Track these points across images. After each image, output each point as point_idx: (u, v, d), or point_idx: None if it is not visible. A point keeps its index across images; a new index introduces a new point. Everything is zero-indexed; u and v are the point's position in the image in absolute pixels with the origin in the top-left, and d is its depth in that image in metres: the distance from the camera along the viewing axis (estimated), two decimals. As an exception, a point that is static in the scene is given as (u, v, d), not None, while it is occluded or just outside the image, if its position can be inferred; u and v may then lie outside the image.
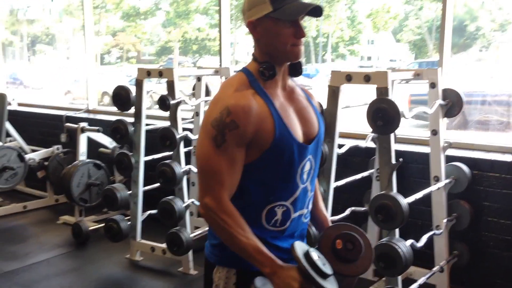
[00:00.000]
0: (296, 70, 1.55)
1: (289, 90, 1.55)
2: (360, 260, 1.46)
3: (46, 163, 5.04)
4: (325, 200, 2.88)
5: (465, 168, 3.18)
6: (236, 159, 1.42)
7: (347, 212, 3.14)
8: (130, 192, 3.78)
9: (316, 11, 1.45)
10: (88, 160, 4.52)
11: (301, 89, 1.61)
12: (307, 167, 1.52)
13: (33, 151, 5.25)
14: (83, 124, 4.66)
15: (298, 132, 1.50)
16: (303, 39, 1.48)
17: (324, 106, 2.88)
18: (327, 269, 1.36)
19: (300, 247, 1.38)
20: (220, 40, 4.57)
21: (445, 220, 3.11)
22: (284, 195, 1.49)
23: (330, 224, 1.68)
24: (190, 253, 3.56)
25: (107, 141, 4.71)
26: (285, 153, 1.45)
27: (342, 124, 2.96)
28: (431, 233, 3.00)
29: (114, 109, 3.89)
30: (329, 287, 1.35)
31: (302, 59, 1.55)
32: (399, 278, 2.69)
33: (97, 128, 4.62)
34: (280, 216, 1.50)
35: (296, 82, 1.62)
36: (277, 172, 1.46)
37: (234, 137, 1.40)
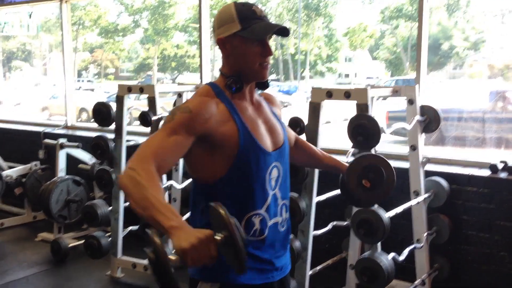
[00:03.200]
0: (262, 84, 1.60)
1: (256, 104, 1.59)
2: (382, 187, 1.51)
3: (23, 179, 4.96)
4: (307, 215, 2.90)
5: (443, 182, 3.25)
6: (178, 141, 1.41)
7: (329, 226, 3.17)
8: (110, 208, 3.74)
9: (283, 31, 1.51)
10: (67, 176, 4.47)
11: (263, 99, 1.65)
12: (274, 173, 1.55)
13: (11, 167, 5.15)
14: (62, 140, 4.61)
15: (266, 142, 1.53)
16: (270, 58, 1.53)
17: (305, 122, 2.92)
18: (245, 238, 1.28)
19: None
20: (200, 56, 4.60)
21: (425, 234, 3.16)
22: (258, 203, 1.51)
23: (343, 163, 1.86)
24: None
25: (87, 157, 4.67)
26: (252, 161, 1.48)
27: (323, 139, 3.00)
28: (412, 246, 3.04)
29: (93, 125, 3.86)
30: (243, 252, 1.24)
31: (282, 77, 1.60)
32: (382, 291, 2.71)
33: (76, 144, 4.57)
34: (258, 225, 1.52)
35: (259, 93, 1.67)
36: (248, 181, 1.49)
37: (183, 120, 1.43)
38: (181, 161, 4.09)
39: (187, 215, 3.67)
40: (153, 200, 1.27)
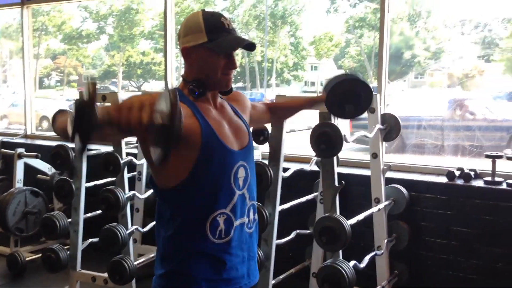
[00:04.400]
0: (226, 91, 1.60)
1: (220, 107, 1.59)
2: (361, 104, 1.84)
3: (-21, 191, 4.79)
4: (271, 224, 2.90)
5: (403, 190, 3.31)
6: None
7: (292, 235, 3.18)
8: (70, 220, 3.64)
9: (250, 47, 1.52)
10: (25, 187, 4.34)
11: (226, 102, 1.64)
12: (242, 173, 1.55)
13: (-35, 178, 4.97)
14: (20, 150, 4.48)
15: (231, 142, 1.53)
16: (234, 70, 1.54)
17: (269, 130, 2.93)
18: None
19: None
20: (165, 64, 4.57)
21: (385, 241, 3.21)
22: (222, 202, 1.50)
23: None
24: (133, 281, 3.46)
25: (46, 168, 4.55)
26: (215, 158, 1.47)
27: (287, 148, 3.01)
28: (372, 253, 3.08)
29: (54, 134, 3.76)
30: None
31: (248, 84, 1.62)
32: (343, 299, 2.73)
33: (35, 154, 4.45)
34: (222, 225, 1.50)
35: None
36: (212, 179, 1.48)
37: (139, 99, 1.33)
38: (144, 171, 4.03)
39: (151, 224, 3.63)
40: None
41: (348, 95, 1.93)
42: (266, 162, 2.88)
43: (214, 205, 1.49)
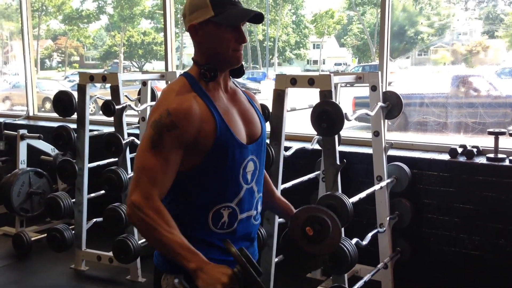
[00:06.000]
0: (237, 71, 1.56)
1: (231, 92, 1.56)
2: (328, 239, 1.49)
3: (-17, 172, 4.81)
4: (273, 202, 2.91)
5: (405, 167, 3.31)
6: (171, 160, 1.40)
7: (295, 213, 3.19)
8: (74, 200, 3.67)
9: (257, 18, 1.47)
10: (29, 168, 4.36)
11: (243, 92, 1.62)
12: (250, 167, 1.52)
13: (-31, 160, 5.00)
14: (23, 131, 4.49)
15: (241, 133, 1.50)
16: (243, 44, 1.50)
17: (270, 109, 2.92)
18: (259, 267, 1.38)
19: (233, 244, 1.39)
20: (165, 44, 4.54)
21: (388, 218, 3.22)
22: (228, 196, 1.49)
23: (294, 210, 1.75)
24: (138, 260, 3.50)
25: (49, 148, 4.56)
26: (227, 154, 1.45)
27: (289, 126, 3.00)
28: (375, 231, 3.10)
29: (56, 115, 3.77)
30: (262, 285, 1.35)
31: (250, 64, 1.57)
32: (346, 276, 2.76)
33: (37, 135, 4.46)
34: (226, 218, 1.49)
35: (238, 85, 1.64)
36: (220, 174, 1.46)
37: (171, 138, 1.39)
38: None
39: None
40: (168, 243, 1.35)
41: (314, 221, 1.75)
42: (268, 141, 2.87)
43: (218, 198, 1.48)
